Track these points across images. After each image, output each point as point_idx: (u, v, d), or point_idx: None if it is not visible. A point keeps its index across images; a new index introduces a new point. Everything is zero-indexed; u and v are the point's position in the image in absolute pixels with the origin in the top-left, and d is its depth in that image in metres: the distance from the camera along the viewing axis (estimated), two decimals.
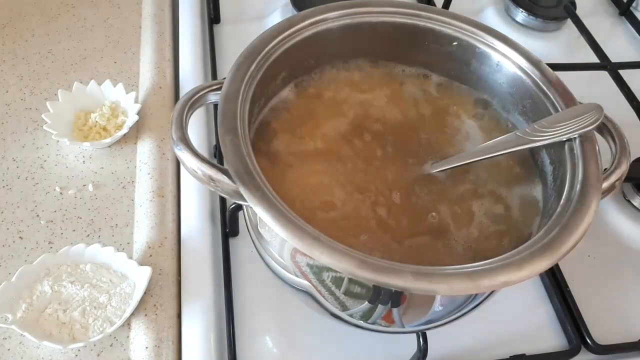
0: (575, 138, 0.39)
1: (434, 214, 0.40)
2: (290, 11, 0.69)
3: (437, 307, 0.38)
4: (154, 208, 0.51)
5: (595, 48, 0.70)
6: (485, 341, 0.47)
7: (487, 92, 0.47)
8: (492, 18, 0.77)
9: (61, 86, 0.60)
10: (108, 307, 0.44)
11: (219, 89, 0.38)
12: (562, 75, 0.43)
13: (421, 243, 0.39)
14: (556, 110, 0.41)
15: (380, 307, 0.36)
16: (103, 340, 0.44)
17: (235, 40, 0.68)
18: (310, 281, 0.37)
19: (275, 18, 0.70)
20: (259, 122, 0.44)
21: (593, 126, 0.38)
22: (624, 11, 0.81)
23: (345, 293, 0.36)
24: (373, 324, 0.39)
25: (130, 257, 0.47)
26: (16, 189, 0.52)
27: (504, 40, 0.44)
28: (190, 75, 0.62)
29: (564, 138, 0.39)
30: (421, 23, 0.45)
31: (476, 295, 0.38)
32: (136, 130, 0.57)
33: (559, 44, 0.75)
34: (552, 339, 0.48)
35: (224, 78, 0.39)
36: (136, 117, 0.56)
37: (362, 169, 0.42)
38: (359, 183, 0.41)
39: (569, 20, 0.75)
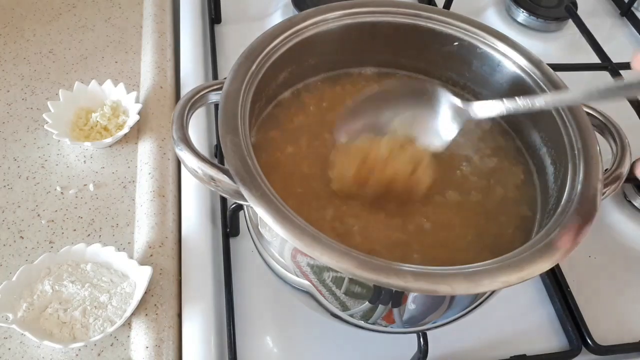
0: (576, 138, 0.39)
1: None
2: (291, 11, 0.69)
3: (437, 307, 0.38)
4: (154, 208, 0.51)
5: (596, 48, 0.70)
6: (485, 341, 0.47)
7: (487, 91, 0.47)
8: (493, 18, 0.77)
9: (62, 86, 0.60)
10: (109, 306, 0.44)
11: (220, 88, 0.38)
12: (563, 76, 0.43)
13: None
14: (557, 111, 0.41)
15: (380, 307, 0.36)
16: (104, 339, 0.44)
17: (236, 40, 0.68)
18: (310, 281, 0.37)
19: (276, 18, 0.70)
20: (260, 121, 0.44)
21: None
22: (625, 11, 0.81)
23: (346, 293, 0.36)
24: (373, 324, 0.39)
25: (131, 257, 0.47)
26: (17, 188, 0.52)
27: (505, 41, 0.44)
28: (191, 75, 0.62)
29: None
30: (422, 23, 0.45)
31: (477, 295, 0.38)
32: (137, 130, 0.57)
33: (560, 45, 0.75)
34: (553, 339, 0.48)
35: (225, 78, 0.39)
36: (137, 117, 0.56)
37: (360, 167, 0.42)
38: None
39: (570, 21, 0.75)
